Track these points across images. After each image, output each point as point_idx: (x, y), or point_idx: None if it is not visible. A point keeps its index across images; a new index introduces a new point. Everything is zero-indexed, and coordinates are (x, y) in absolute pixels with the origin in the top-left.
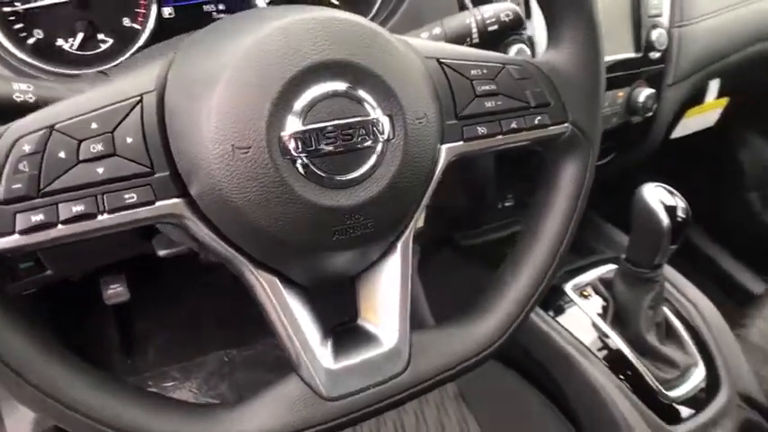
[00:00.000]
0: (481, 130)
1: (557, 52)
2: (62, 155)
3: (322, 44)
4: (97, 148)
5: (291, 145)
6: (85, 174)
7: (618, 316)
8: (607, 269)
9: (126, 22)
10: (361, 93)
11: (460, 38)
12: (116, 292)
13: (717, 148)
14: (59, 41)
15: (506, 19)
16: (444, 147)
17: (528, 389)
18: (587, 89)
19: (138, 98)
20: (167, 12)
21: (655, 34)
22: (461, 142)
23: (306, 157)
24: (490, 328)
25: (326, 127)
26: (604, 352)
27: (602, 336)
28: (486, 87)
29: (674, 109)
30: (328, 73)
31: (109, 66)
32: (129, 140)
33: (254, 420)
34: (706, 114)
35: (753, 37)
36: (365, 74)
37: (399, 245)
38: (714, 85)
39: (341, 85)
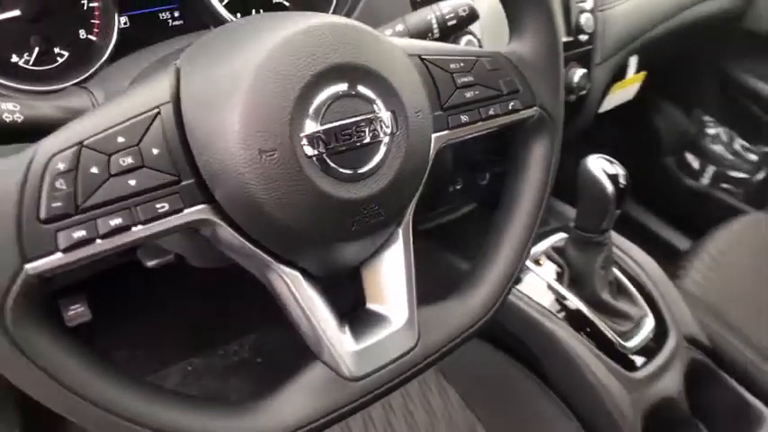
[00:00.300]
0: (464, 118)
1: (521, 43)
2: (95, 170)
3: (331, 49)
4: (127, 161)
5: (312, 144)
6: (119, 187)
7: (573, 279)
8: (558, 238)
9: (82, 34)
10: (368, 92)
11: (422, 33)
12: (77, 312)
13: (637, 119)
14: (14, 58)
15: (464, 14)
16: (434, 136)
17: (499, 354)
18: (550, 74)
19: (157, 110)
20: (122, 21)
21: (583, 18)
22: (447, 131)
23: (325, 154)
24: (483, 298)
25: (340, 126)
26: (564, 312)
27: (561, 298)
28: (465, 79)
29: (602, 86)
30: (338, 75)
31: (81, 78)
32: (155, 151)
33: (288, 410)
34: (627, 89)
35: (664, 16)
36: (370, 74)
37: (401, 230)
38: (633, 62)
39: (350, 86)
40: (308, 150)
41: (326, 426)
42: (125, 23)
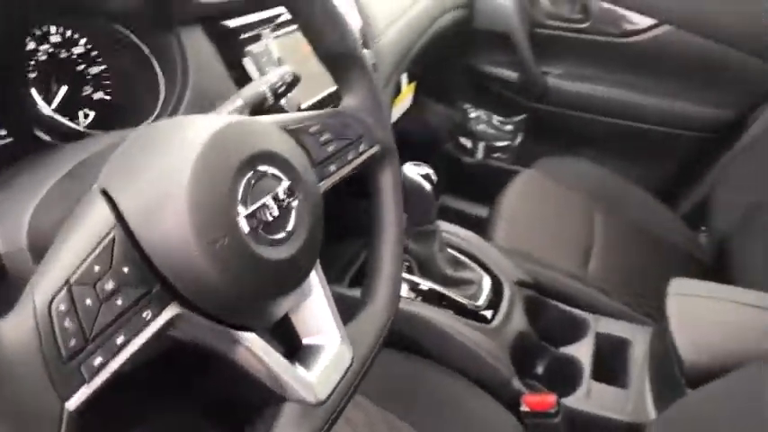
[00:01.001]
0: (332, 168)
1: (352, 98)
2: (89, 302)
3: (243, 142)
4: (109, 285)
5: (248, 223)
6: (111, 309)
7: (420, 267)
8: None
9: None
10: (275, 170)
11: (259, 103)
12: None
13: (413, 121)
14: None
15: (289, 79)
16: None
17: (387, 353)
18: (380, 116)
19: (111, 235)
20: None
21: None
22: (323, 181)
23: (260, 228)
24: (385, 303)
25: (263, 203)
26: (422, 296)
27: (415, 285)
28: (325, 137)
29: (388, 107)
30: (253, 162)
31: None
32: (125, 270)
33: None
34: (404, 101)
35: (419, 33)
36: (274, 156)
37: (315, 270)
38: (404, 78)
39: (262, 169)
40: (246, 228)
41: None
42: None
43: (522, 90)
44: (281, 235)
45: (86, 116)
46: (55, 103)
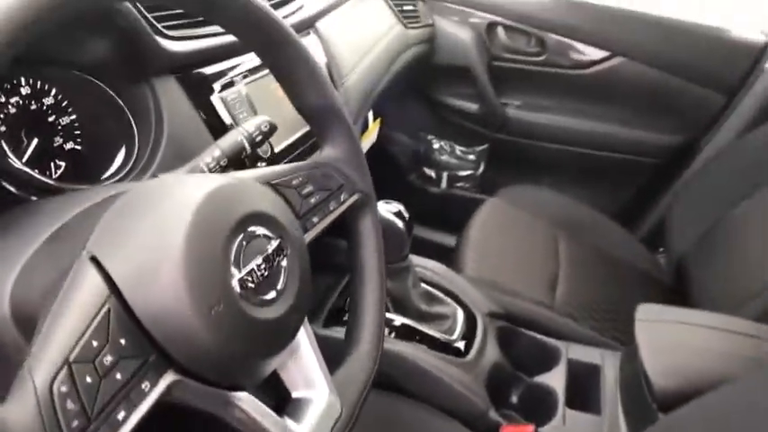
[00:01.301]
0: (315, 219)
1: (332, 148)
2: (89, 380)
3: (233, 205)
4: (108, 359)
5: (241, 285)
6: (111, 385)
7: (395, 304)
8: None
9: None
10: (264, 230)
11: (237, 153)
12: None
13: (377, 152)
14: None
15: (266, 129)
16: None
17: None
18: (358, 164)
19: (106, 306)
20: None
21: None
22: (307, 233)
23: (252, 289)
24: (369, 349)
25: (256, 264)
26: (395, 332)
27: (390, 321)
28: (307, 190)
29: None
30: (244, 224)
31: None
32: (123, 342)
33: None
34: (371, 137)
35: (383, 71)
36: (262, 216)
37: (303, 325)
38: (370, 115)
39: (252, 230)
40: (239, 290)
41: None
42: None
43: (483, 121)
44: (272, 295)
45: (57, 167)
46: (26, 157)
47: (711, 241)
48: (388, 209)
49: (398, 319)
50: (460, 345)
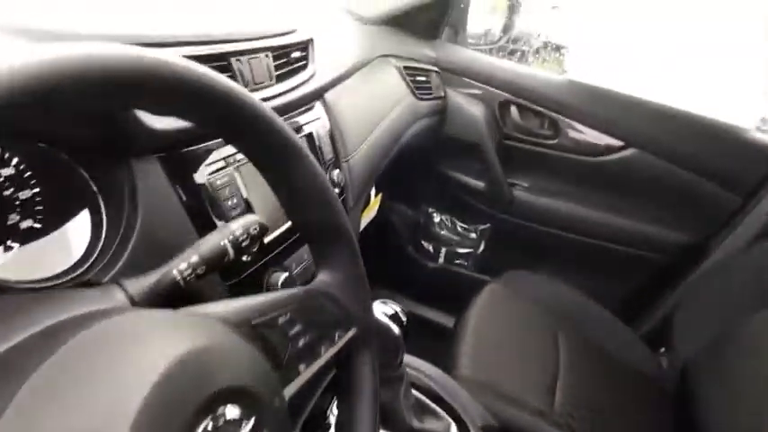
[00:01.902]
0: (301, 367)
1: (330, 273)
2: None
3: (201, 379)
4: None
5: None
6: None
7: (384, 416)
8: None
9: None
10: (236, 411)
11: (218, 259)
12: None
13: (375, 221)
14: None
15: (255, 232)
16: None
17: None
18: (360, 295)
19: None
20: None
21: (335, 174)
22: (286, 387)
23: None
24: None
25: None
26: None
27: None
28: (295, 330)
29: (357, 225)
30: (211, 407)
31: None
32: None
33: None
34: (371, 213)
35: (390, 146)
36: (236, 393)
37: None
38: (372, 190)
39: (221, 412)
40: None
41: None
42: None
43: (489, 199)
44: None
45: (8, 249)
46: None
47: (719, 353)
48: (383, 311)
49: None
50: None
